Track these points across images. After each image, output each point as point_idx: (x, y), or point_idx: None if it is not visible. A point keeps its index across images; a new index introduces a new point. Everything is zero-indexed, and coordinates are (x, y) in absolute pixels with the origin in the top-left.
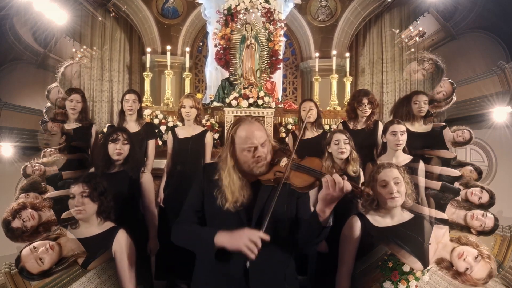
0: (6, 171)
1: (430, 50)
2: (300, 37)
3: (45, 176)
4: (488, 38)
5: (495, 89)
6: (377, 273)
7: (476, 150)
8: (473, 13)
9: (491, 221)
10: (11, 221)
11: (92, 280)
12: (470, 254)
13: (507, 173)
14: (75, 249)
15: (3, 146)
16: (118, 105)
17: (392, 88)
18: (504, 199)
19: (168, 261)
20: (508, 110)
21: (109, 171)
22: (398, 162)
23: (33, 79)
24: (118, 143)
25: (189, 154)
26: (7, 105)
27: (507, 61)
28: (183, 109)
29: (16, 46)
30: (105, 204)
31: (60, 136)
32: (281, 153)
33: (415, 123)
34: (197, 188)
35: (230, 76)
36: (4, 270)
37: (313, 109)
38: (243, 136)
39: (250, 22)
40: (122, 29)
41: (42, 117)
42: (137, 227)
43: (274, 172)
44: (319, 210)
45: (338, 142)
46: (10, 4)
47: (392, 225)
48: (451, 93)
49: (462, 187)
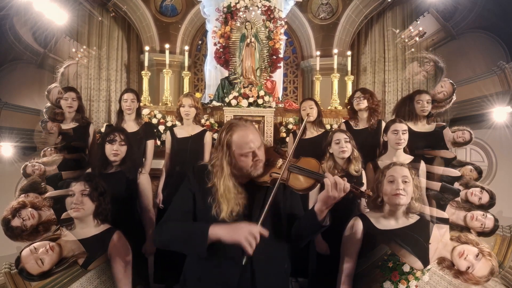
0: (6, 171)
1: (430, 50)
2: (300, 35)
3: (45, 176)
4: (488, 38)
5: (495, 89)
6: (377, 273)
7: (476, 150)
8: (473, 13)
9: (491, 221)
10: (10, 219)
11: (92, 280)
12: (470, 252)
13: (507, 173)
14: (75, 249)
15: (3, 146)
16: (115, 104)
17: (394, 87)
18: (504, 199)
19: (167, 264)
20: (508, 110)
21: (106, 171)
22: None
23: (33, 79)
24: (115, 144)
25: (188, 154)
26: (7, 105)
27: (507, 61)
28: (182, 109)
29: (16, 46)
30: (103, 206)
31: (57, 135)
32: (274, 152)
33: (418, 123)
34: (186, 190)
35: (230, 75)
36: (4, 270)
37: (313, 108)
38: (240, 142)
39: (250, 20)
40: (120, 27)
41: (42, 117)
42: (134, 228)
43: (270, 174)
44: (318, 210)
45: (339, 142)
46: (10, 4)
47: (396, 228)
48: (451, 93)
49: (462, 187)
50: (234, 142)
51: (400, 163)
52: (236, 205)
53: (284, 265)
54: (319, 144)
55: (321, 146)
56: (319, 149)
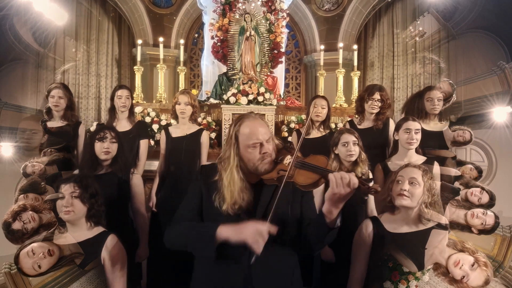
0: (6, 171)
1: (430, 50)
2: (303, 28)
3: (45, 175)
4: (488, 38)
5: (495, 89)
6: (377, 273)
7: (476, 150)
8: (473, 13)
9: (492, 218)
10: (11, 223)
11: (92, 280)
12: (466, 262)
13: (507, 173)
14: (73, 249)
15: (3, 146)
16: (106, 101)
17: (404, 84)
18: (504, 199)
19: (161, 271)
20: (508, 110)
21: (96, 173)
22: (410, 163)
23: (33, 79)
24: (105, 142)
25: (183, 154)
26: (7, 105)
27: (507, 61)
28: (178, 106)
29: (16, 46)
30: (96, 208)
31: (42, 134)
32: (285, 151)
33: (430, 122)
34: (195, 191)
35: (228, 70)
36: (4, 270)
37: (325, 108)
38: (247, 132)
39: (249, 12)
40: (110, 18)
41: (42, 117)
42: (126, 233)
43: (278, 171)
44: (325, 211)
45: (347, 144)
46: (10, 4)
47: (408, 231)
48: (450, 94)
49: (462, 186)
50: (242, 133)
51: (414, 164)
52: (240, 199)
53: (289, 272)
54: (323, 145)
55: (325, 147)
56: (323, 150)
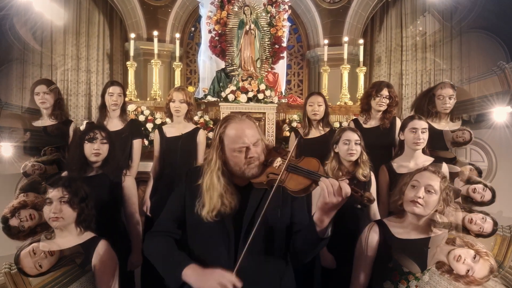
0: (6, 171)
1: (430, 50)
2: (306, 21)
3: (45, 175)
4: (488, 38)
5: (495, 89)
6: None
7: (476, 150)
8: (473, 13)
9: (490, 225)
10: (9, 218)
11: (92, 280)
12: (468, 255)
13: (507, 173)
14: (73, 248)
15: (3, 146)
16: (97, 99)
17: (413, 80)
18: (504, 199)
19: (154, 279)
20: (508, 110)
21: (86, 175)
22: (416, 164)
23: (33, 79)
24: (95, 143)
25: (178, 155)
26: (7, 105)
27: (507, 61)
28: (172, 104)
29: (16, 46)
30: (86, 212)
31: (23, 133)
32: (274, 153)
33: (441, 121)
34: (177, 195)
35: (227, 66)
36: (4, 270)
37: (322, 105)
38: (232, 135)
39: (249, 4)
40: (101, 11)
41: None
42: (118, 238)
43: (267, 174)
44: (316, 220)
45: (349, 142)
46: (10, 4)
47: (416, 238)
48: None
49: (463, 182)
50: (227, 135)
51: (433, 169)
52: (221, 204)
53: (277, 279)
54: (324, 144)
55: (326, 147)
56: (324, 150)
